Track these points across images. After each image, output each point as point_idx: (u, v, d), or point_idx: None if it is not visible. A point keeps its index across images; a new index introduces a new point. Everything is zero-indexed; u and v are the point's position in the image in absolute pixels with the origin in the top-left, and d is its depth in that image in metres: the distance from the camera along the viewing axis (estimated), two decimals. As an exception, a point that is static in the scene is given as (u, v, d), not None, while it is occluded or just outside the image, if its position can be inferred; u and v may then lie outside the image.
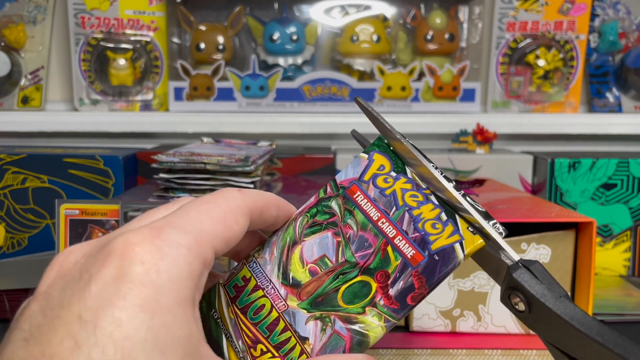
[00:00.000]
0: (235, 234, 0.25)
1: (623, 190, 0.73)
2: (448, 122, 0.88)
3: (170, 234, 0.22)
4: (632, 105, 0.93)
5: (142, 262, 0.21)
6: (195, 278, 0.22)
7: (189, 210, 0.24)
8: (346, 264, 0.28)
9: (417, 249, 0.28)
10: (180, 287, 0.21)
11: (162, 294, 0.20)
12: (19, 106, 0.93)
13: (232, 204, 0.25)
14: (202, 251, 0.22)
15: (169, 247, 0.21)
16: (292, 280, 0.28)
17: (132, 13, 0.90)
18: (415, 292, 0.28)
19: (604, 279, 0.72)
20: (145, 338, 0.19)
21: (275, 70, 0.89)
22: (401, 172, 0.30)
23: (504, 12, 0.91)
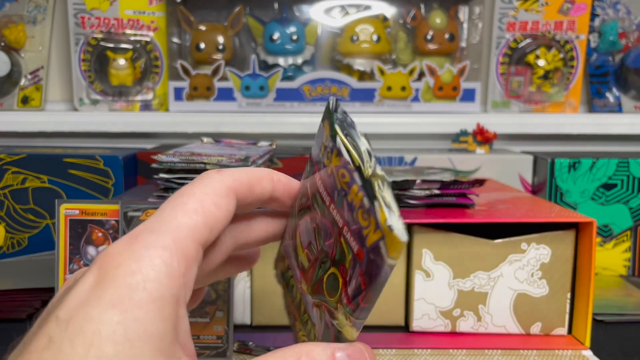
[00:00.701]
0: (218, 219, 0.24)
1: (623, 190, 0.73)
2: (448, 122, 0.88)
3: (145, 237, 0.22)
4: (632, 105, 0.93)
5: (117, 266, 0.21)
6: (175, 276, 0.22)
7: (164, 209, 0.24)
8: (322, 252, 0.25)
9: (359, 243, 0.22)
10: (156, 285, 0.21)
11: (135, 292, 0.21)
12: (19, 106, 0.93)
13: (207, 189, 0.25)
14: (182, 248, 0.22)
15: (145, 249, 0.22)
16: (301, 264, 0.28)
17: (132, 13, 0.90)
18: (363, 293, 0.23)
19: (604, 279, 0.72)
20: (114, 331, 0.20)
21: (275, 70, 0.89)
22: (333, 138, 0.25)
23: (504, 12, 0.91)
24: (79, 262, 0.50)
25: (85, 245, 0.50)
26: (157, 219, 0.23)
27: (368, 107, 0.90)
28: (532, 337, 0.52)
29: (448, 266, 0.52)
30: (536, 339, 0.52)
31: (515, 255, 0.51)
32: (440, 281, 0.52)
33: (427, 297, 0.52)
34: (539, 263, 0.51)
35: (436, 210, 0.54)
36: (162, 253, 0.22)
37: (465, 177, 0.55)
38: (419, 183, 0.54)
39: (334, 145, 0.25)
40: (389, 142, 0.95)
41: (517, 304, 0.52)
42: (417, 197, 0.55)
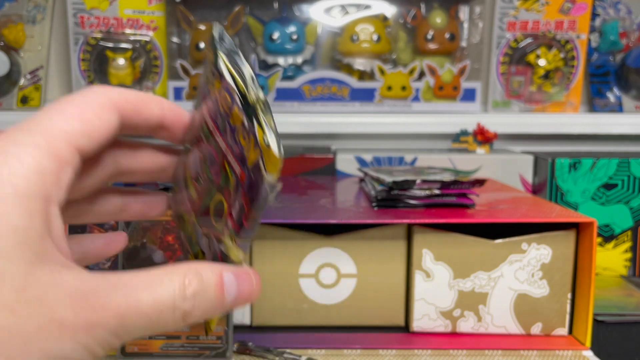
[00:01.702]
0: (96, 127, 0.24)
1: (624, 190, 0.73)
2: (448, 122, 0.88)
3: (15, 135, 0.22)
4: (633, 105, 0.93)
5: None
6: (46, 174, 0.21)
7: (41, 113, 0.24)
8: (208, 181, 0.26)
9: (241, 166, 0.23)
10: (22, 181, 0.21)
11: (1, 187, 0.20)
12: (18, 106, 0.92)
13: (90, 99, 0.24)
14: (54, 147, 0.22)
15: (13, 145, 0.21)
16: (189, 196, 0.28)
17: (131, 12, 0.90)
18: (246, 213, 0.24)
19: (605, 279, 0.71)
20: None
21: (275, 70, 0.89)
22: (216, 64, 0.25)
23: (505, 11, 0.91)
24: (78, 262, 0.50)
25: (84, 246, 0.50)
26: (31, 121, 0.23)
27: (368, 107, 0.90)
28: (533, 338, 0.52)
29: (448, 266, 0.51)
30: (537, 340, 0.51)
31: (515, 255, 0.51)
32: (440, 281, 0.52)
33: (427, 297, 0.52)
34: (540, 263, 0.51)
35: (436, 210, 0.54)
36: (32, 150, 0.21)
37: (466, 177, 0.55)
38: (419, 183, 0.54)
39: (217, 70, 0.25)
40: (389, 142, 0.94)
41: (517, 304, 0.52)
42: (417, 197, 0.55)
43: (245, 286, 0.25)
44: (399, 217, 0.51)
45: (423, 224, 0.51)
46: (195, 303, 0.23)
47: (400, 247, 0.52)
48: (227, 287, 0.24)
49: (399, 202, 0.55)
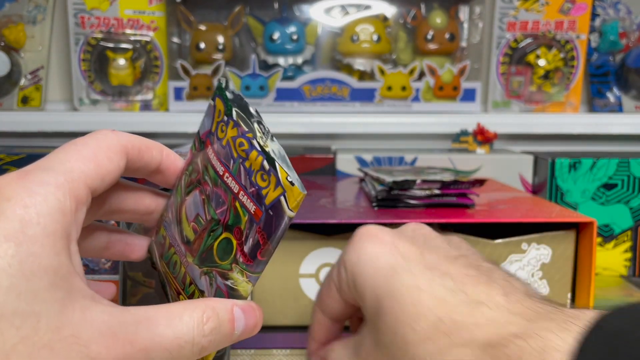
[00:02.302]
0: (108, 170, 0.25)
1: (624, 190, 0.73)
2: (448, 122, 0.88)
3: (37, 174, 0.22)
4: (632, 105, 0.93)
5: (8, 199, 0.21)
6: (67, 213, 0.22)
7: (57, 152, 0.24)
8: (212, 221, 0.28)
9: (256, 204, 0.26)
10: (49, 221, 0.21)
11: (28, 226, 0.20)
12: (19, 106, 0.92)
13: (102, 143, 0.26)
14: (73, 188, 0.23)
15: (37, 185, 0.22)
16: (186, 238, 0.29)
17: (131, 13, 0.90)
18: (262, 248, 0.26)
19: (605, 279, 0.71)
20: (9, 264, 0.20)
21: (275, 70, 0.89)
22: (229, 113, 0.28)
23: (505, 11, 0.91)
24: (79, 262, 0.50)
25: (84, 246, 0.50)
26: (49, 159, 0.24)
27: (368, 107, 0.90)
28: (533, 338, 0.52)
29: (448, 266, 0.51)
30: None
31: (515, 255, 0.51)
32: (440, 281, 0.52)
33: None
34: (540, 263, 0.51)
35: (436, 210, 0.54)
36: (55, 190, 0.22)
37: (466, 177, 0.55)
38: (419, 183, 0.54)
39: (230, 119, 0.27)
40: (389, 142, 0.95)
41: (517, 304, 0.52)
42: (417, 197, 0.55)
43: (251, 320, 0.26)
44: (399, 217, 0.51)
45: (423, 224, 0.51)
46: (212, 338, 0.24)
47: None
48: (237, 322, 0.25)
49: (399, 202, 0.55)
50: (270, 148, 0.26)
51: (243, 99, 0.28)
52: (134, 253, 0.32)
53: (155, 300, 0.53)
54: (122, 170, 0.26)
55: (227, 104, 0.28)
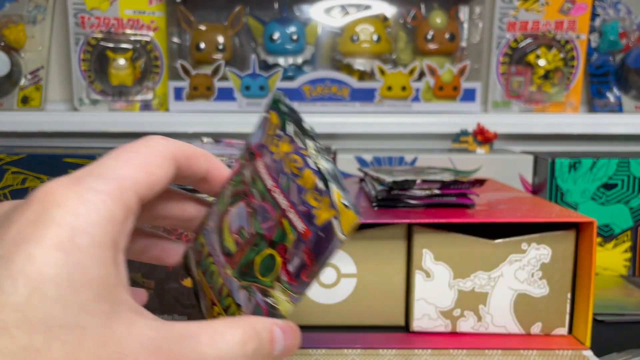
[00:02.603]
0: (159, 178, 0.25)
1: (623, 190, 0.73)
2: (448, 122, 0.88)
3: (89, 181, 0.22)
4: (632, 105, 0.93)
5: (59, 205, 0.21)
6: (117, 223, 0.22)
7: (108, 159, 0.24)
8: (257, 235, 0.27)
9: (306, 223, 0.25)
10: (99, 230, 0.21)
11: (79, 236, 0.20)
12: (19, 106, 0.93)
13: (153, 150, 0.26)
14: (124, 197, 0.22)
15: (88, 192, 0.22)
16: (226, 249, 0.29)
17: (132, 13, 0.90)
18: (307, 268, 0.25)
19: (605, 279, 0.71)
20: (58, 274, 0.19)
21: (275, 70, 0.89)
22: (284, 128, 0.27)
23: (505, 11, 0.91)
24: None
25: (85, 246, 0.50)
26: (100, 166, 0.23)
27: (368, 107, 0.90)
28: (533, 337, 0.52)
29: (448, 266, 0.51)
30: (536, 339, 0.51)
31: (515, 255, 0.51)
32: (440, 281, 0.52)
33: (427, 297, 0.52)
34: (539, 263, 0.51)
35: (436, 210, 0.54)
36: (105, 198, 0.22)
37: (466, 177, 0.55)
38: (419, 183, 0.54)
39: (284, 134, 0.27)
40: (389, 142, 0.95)
41: (517, 304, 0.52)
42: (417, 197, 0.55)
43: (290, 341, 0.26)
44: (399, 217, 0.51)
45: (423, 224, 0.51)
46: (253, 359, 0.24)
47: (400, 247, 0.52)
48: (277, 343, 0.25)
49: (399, 202, 0.55)
50: (324, 167, 0.25)
51: (298, 113, 0.27)
52: (169, 258, 0.32)
53: (152, 301, 0.53)
54: (171, 178, 0.26)
55: (282, 117, 0.27)
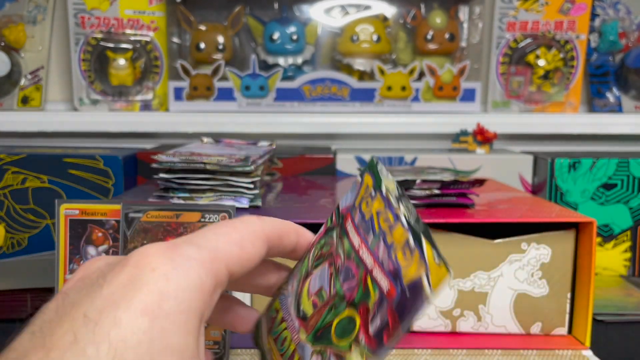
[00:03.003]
0: (250, 256, 0.25)
1: (623, 190, 0.73)
2: (448, 122, 0.88)
3: (185, 248, 0.23)
4: (632, 105, 0.93)
5: (153, 269, 0.21)
6: (205, 292, 0.22)
7: (207, 231, 0.25)
8: (336, 296, 0.27)
9: (392, 281, 0.24)
10: (186, 297, 0.21)
11: (166, 301, 0.21)
12: (19, 106, 0.93)
13: (249, 228, 0.26)
14: (215, 268, 0.23)
15: (182, 258, 0.22)
16: (302, 312, 0.28)
17: (132, 13, 0.90)
18: (389, 329, 0.24)
19: (604, 279, 0.71)
20: (140, 341, 0.20)
21: (275, 70, 0.89)
22: (378, 188, 0.27)
23: (504, 11, 0.91)
24: (79, 262, 0.50)
25: (85, 245, 0.50)
26: (199, 236, 0.24)
27: (368, 107, 0.90)
28: (532, 337, 0.52)
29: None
30: (536, 339, 0.52)
31: (515, 255, 0.51)
32: (440, 281, 0.52)
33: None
34: (539, 263, 0.51)
35: (436, 210, 0.54)
36: (197, 266, 0.22)
37: (466, 177, 0.55)
38: (419, 183, 0.54)
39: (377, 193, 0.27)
40: (389, 142, 0.95)
41: (517, 303, 0.52)
42: (417, 197, 0.55)
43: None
44: (399, 217, 0.51)
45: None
46: None
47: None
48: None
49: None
50: (416, 224, 0.25)
51: (392, 175, 0.28)
52: (242, 325, 0.31)
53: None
54: (262, 257, 0.27)
55: (377, 178, 0.28)
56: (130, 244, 0.48)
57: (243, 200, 0.54)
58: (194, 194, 0.54)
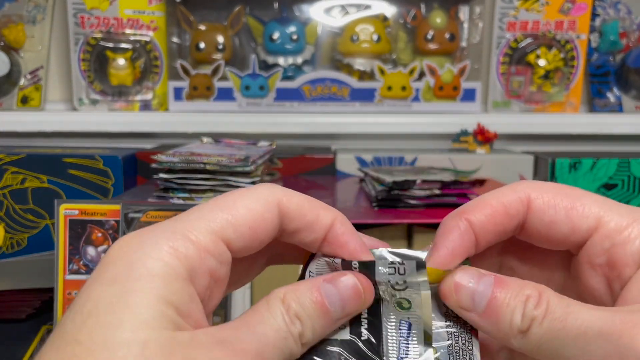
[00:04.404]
0: (248, 221, 0.23)
1: (624, 190, 0.73)
2: (448, 122, 0.88)
3: (151, 235, 0.22)
4: (632, 105, 0.93)
5: (113, 282, 0.21)
6: (185, 257, 0.21)
7: (197, 209, 0.23)
8: None
9: None
10: (157, 263, 0.21)
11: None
12: (19, 106, 0.92)
13: (249, 194, 0.24)
14: (195, 237, 0.22)
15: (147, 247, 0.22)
16: None
17: (131, 13, 0.90)
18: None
19: (605, 279, 0.71)
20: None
21: (275, 70, 0.89)
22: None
23: (505, 11, 0.91)
24: (79, 262, 0.50)
25: (84, 246, 0.50)
26: (178, 220, 0.23)
27: (368, 107, 0.90)
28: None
29: (448, 266, 0.51)
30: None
31: (515, 255, 0.51)
32: (440, 281, 0.52)
33: None
34: (540, 263, 0.51)
35: (436, 210, 0.54)
36: (171, 236, 0.22)
37: (466, 177, 0.55)
38: (419, 183, 0.54)
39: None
40: (389, 142, 0.95)
41: (517, 304, 0.51)
42: (417, 197, 0.55)
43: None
44: (399, 217, 0.51)
45: (423, 224, 0.51)
46: None
47: (400, 247, 0.52)
48: None
49: (399, 202, 0.55)
50: None
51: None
52: None
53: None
54: (274, 222, 0.23)
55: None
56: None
57: (243, 201, 0.54)
58: (193, 194, 0.54)
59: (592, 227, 0.23)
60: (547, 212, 0.24)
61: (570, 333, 0.21)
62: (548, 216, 0.24)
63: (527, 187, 0.24)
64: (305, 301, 0.22)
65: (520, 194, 0.24)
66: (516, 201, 0.24)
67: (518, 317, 0.21)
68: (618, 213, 0.23)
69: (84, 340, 0.19)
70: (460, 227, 0.24)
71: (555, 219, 0.23)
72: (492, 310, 0.22)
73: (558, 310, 0.21)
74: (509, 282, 0.22)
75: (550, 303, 0.21)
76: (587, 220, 0.23)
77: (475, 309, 0.22)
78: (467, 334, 0.24)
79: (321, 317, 0.23)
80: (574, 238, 0.23)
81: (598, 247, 0.23)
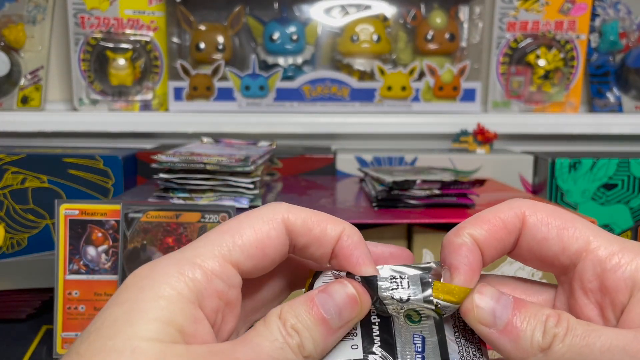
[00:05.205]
0: (254, 241, 0.23)
1: (624, 190, 0.73)
2: (448, 122, 0.88)
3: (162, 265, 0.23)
4: (632, 105, 0.93)
5: (121, 302, 0.22)
6: (196, 281, 0.22)
7: (207, 235, 0.24)
8: None
9: None
10: (169, 287, 0.22)
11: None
12: (19, 106, 0.92)
13: (256, 216, 0.24)
14: (205, 263, 0.23)
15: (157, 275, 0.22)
16: None
17: (131, 13, 0.90)
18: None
19: (605, 279, 0.71)
20: None
21: (275, 70, 0.89)
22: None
23: (505, 11, 0.91)
24: (79, 262, 0.50)
25: (85, 246, 0.50)
26: (188, 248, 0.24)
27: (368, 107, 0.90)
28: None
29: (448, 266, 0.51)
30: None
31: (515, 255, 0.51)
32: (440, 281, 0.52)
33: None
34: (540, 263, 0.51)
35: (436, 210, 0.54)
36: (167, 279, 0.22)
37: (466, 177, 0.55)
38: (419, 183, 0.54)
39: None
40: (389, 142, 0.95)
41: (517, 304, 0.52)
42: (417, 197, 0.55)
43: None
44: (399, 217, 0.51)
45: (423, 224, 0.51)
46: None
47: (400, 247, 0.52)
48: None
49: (399, 202, 0.55)
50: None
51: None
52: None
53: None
54: (283, 240, 0.24)
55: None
56: (130, 244, 0.48)
57: (243, 201, 0.54)
58: (193, 194, 0.54)
59: (581, 249, 0.24)
60: (540, 229, 0.24)
61: (594, 350, 0.21)
62: (541, 233, 0.24)
63: (522, 204, 0.25)
64: (301, 313, 0.23)
65: (516, 210, 0.24)
66: (513, 217, 0.24)
67: (539, 335, 0.22)
68: (607, 240, 0.24)
69: (83, 352, 0.20)
70: (467, 243, 0.24)
71: (548, 236, 0.24)
72: (513, 326, 0.22)
73: (579, 328, 0.21)
74: (528, 303, 0.23)
75: (570, 322, 0.22)
76: (577, 242, 0.24)
77: (495, 324, 0.23)
78: (478, 351, 0.24)
79: (319, 327, 0.23)
80: (563, 259, 0.24)
81: (590, 273, 0.23)
